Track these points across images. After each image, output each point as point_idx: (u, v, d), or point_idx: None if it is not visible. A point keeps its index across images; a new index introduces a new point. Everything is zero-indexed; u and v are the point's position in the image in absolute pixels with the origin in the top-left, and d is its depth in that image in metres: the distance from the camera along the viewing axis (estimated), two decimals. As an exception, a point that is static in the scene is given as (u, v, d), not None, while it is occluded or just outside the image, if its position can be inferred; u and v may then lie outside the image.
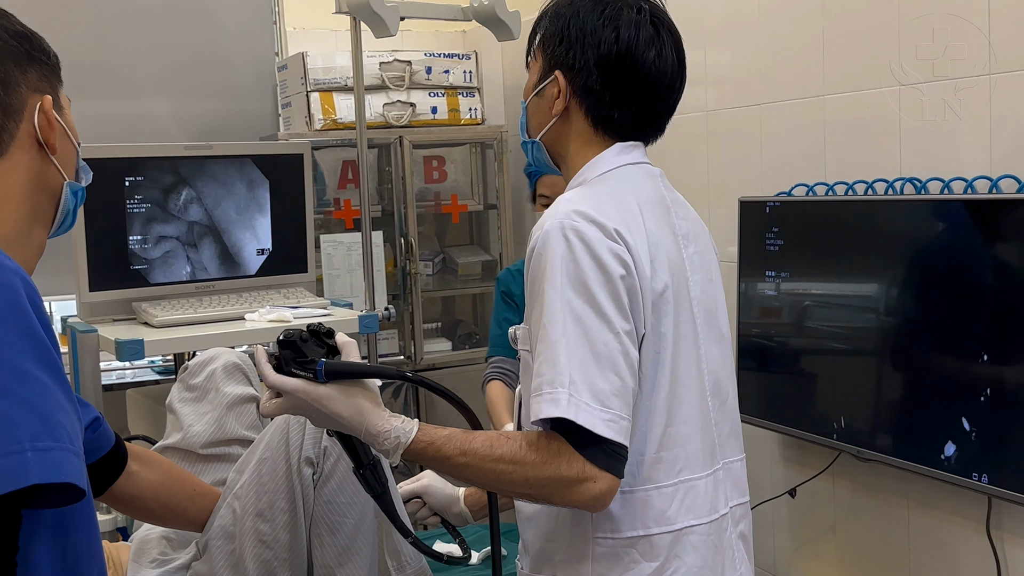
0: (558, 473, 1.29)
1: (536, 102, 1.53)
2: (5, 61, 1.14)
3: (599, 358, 1.30)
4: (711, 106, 2.88)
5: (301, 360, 1.34)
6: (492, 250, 4.04)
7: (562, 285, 1.32)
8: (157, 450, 1.98)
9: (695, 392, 1.45)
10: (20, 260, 1.13)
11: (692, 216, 1.55)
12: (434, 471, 1.39)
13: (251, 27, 3.77)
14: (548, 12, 1.53)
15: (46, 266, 1.33)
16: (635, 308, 1.36)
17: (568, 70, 1.47)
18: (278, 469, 1.64)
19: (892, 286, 2.25)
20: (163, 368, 3.44)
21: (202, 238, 2.70)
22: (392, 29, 2.64)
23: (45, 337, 0.95)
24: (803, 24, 2.57)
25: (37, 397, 0.91)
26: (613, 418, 1.29)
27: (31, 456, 0.88)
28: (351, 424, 1.34)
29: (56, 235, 1.26)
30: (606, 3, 1.48)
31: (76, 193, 1.24)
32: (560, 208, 1.38)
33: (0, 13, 1.18)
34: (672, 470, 1.41)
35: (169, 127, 3.62)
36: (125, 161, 2.56)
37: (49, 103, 1.17)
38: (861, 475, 2.48)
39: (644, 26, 1.46)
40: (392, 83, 3.66)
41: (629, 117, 1.48)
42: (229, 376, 2.00)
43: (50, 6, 3.39)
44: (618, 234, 1.36)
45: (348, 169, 3.67)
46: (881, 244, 2.27)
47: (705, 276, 1.51)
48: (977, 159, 2.16)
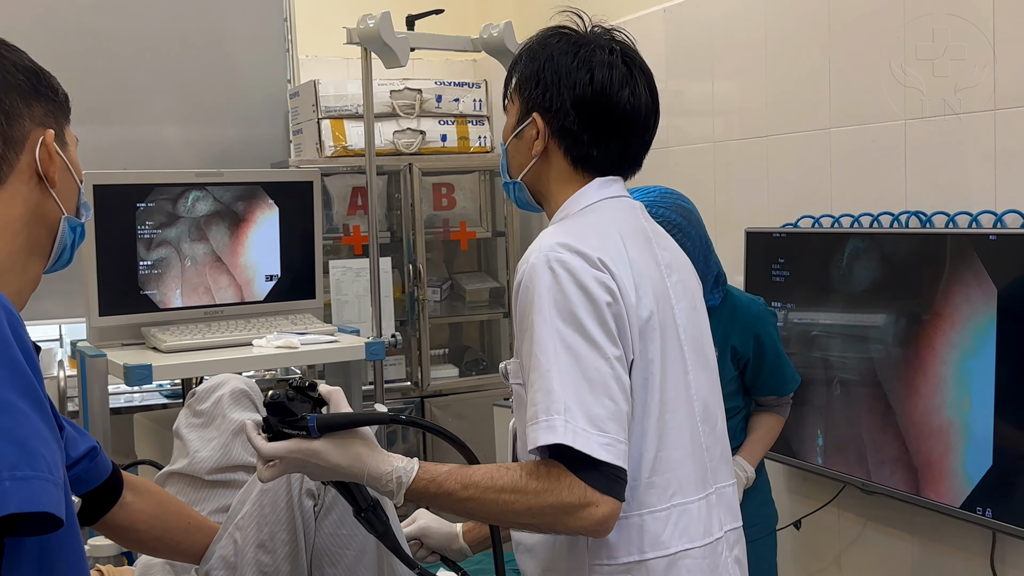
0: (560, 500, 1.30)
1: (515, 144, 1.56)
2: (10, 94, 1.16)
3: (592, 384, 1.32)
4: (718, 137, 2.90)
5: (290, 419, 1.34)
6: (500, 277, 4.06)
7: (551, 315, 1.34)
8: (163, 475, 1.98)
9: (684, 417, 1.46)
10: (13, 290, 1.15)
11: (673, 247, 1.58)
12: (437, 507, 1.39)
13: (264, 55, 3.82)
14: (522, 56, 1.56)
15: (56, 290, 1.34)
16: (623, 334, 1.38)
17: (545, 112, 1.50)
18: (279, 500, 1.64)
19: (899, 318, 2.25)
20: (171, 392, 3.46)
21: (211, 264, 2.72)
22: (402, 60, 2.67)
23: (27, 367, 0.96)
24: (810, 57, 2.59)
25: (17, 426, 0.92)
26: (610, 442, 1.30)
27: (9, 485, 0.89)
28: (351, 472, 1.35)
29: (53, 270, 1.27)
30: (579, 45, 1.51)
31: (75, 228, 1.25)
32: (544, 241, 1.40)
33: (10, 48, 1.20)
34: (665, 494, 1.42)
35: (182, 153, 3.65)
36: (137, 187, 2.59)
37: (51, 137, 1.19)
38: (866, 507, 2.48)
39: (617, 66, 1.49)
40: (402, 111, 3.69)
41: (607, 154, 1.52)
42: (236, 402, 2.01)
43: (68, 34, 3.44)
44: (602, 263, 1.38)
45: (358, 195, 3.70)
46: (886, 276, 2.28)
47: (689, 304, 1.54)
48: (982, 194, 2.17)
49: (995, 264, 2.03)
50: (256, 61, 3.80)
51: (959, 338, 2.10)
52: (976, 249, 2.07)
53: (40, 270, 1.24)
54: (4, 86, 1.16)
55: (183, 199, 2.66)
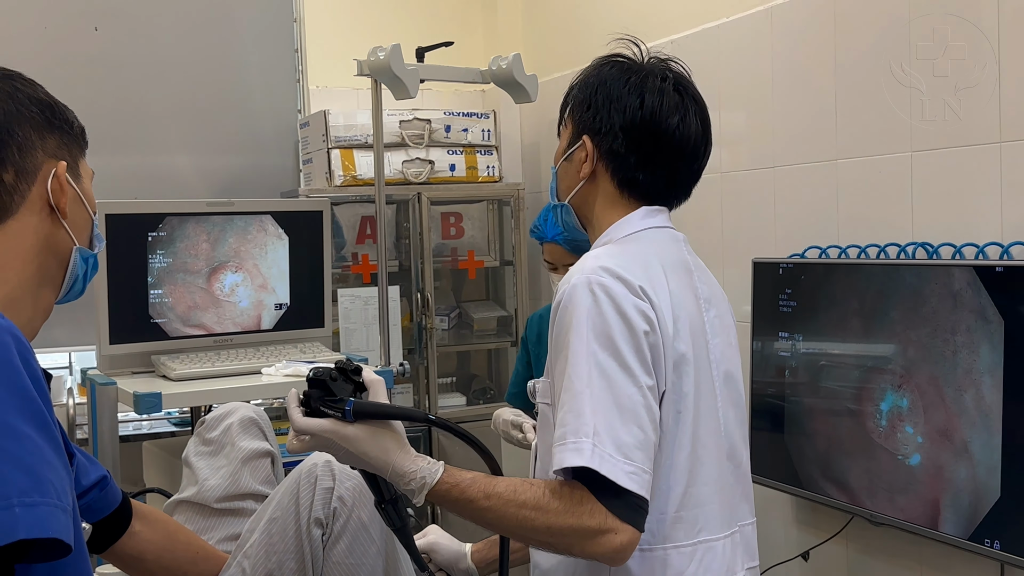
0: (580, 522, 1.29)
1: (565, 167, 1.59)
2: (24, 126, 1.19)
3: (623, 411, 1.32)
4: (726, 167, 2.92)
5: (330, 399, 1.36)
6: (508, 306, 4.07)
7: (588, 338, 1.34)
8: (172, 503, 1.99)
9: (714, 453, 1.46)
10: (24, 320, 1.16)
11: (712, 282, 1.59)
12: (456, 513, 1.39)
13: (275, 85, 3.86)
14: (578, 82, 1.59)
15: (67, 318, 1.36)
16: (657, 364, 1.38)
17: (595, 134, 1.53)
18: (288, 529, 1.65)
19: (906, 349, 2.25)
20: (179, 420, 3.47)
21: (222, 293, 2.74)
22: (412, 92, 2.70)
23: (35, 394, 0.97)
24: (817, 89, 2.61)
25: (27, 454, 0.94)
26: (636, 471, 1.30)
27: (19, 512, 0.91)
28: (377, 464, 1.35)
29: (65, 300, 1.28)
30: (632, 71, 1.53)
31: (87, 260, 1.27)
32: (587, 264, 1.41)
33: (26, 82, 1.23)
34: (692, 530, 1.42)
35: (193, 181, 3.68)
36: (148, 216, 2.61)
37: (63, 168, 1.21)
38: (875, 539, 2.47)
39: (668, 94, 1.51)
40: (411, 141, 3.72)
41: (653, 180, 1.53)
42: (245, 431, 2.02)
43: (80, 63, 3.48)
44: (643, 291, 1.39)
45: (367, 224, 3.72)
46: (893, 307, 2.29)
47: (725, 340, 1.54)
48: (988, 225, 2.18)
49: (1002, 295, 2.04)
50: (267, 91, 3.84)
51: (966, 369, 2.10)
52: (983, 280, 2.07)
53: (52, 300, 1.25)
54: (18, 118, 1.19)
55: (194, 228, 2.68)
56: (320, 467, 1.69)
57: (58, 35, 3.49)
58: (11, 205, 1.18)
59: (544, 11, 4.03)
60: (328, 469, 1.69)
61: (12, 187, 1.17)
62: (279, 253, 2.82)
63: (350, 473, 1.68)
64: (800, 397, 2.57)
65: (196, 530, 1.86)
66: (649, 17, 3.25)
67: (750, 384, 2.67)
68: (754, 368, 2.67)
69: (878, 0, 2.43)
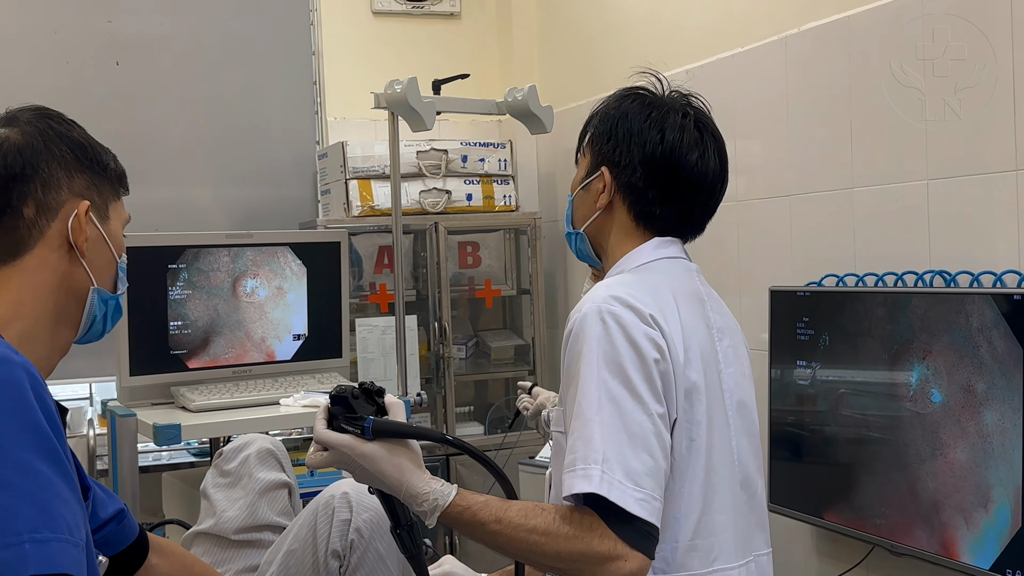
0: (590, 548, 1.30)
1: (582, 195, 1.60)
2: (51, 163, 1.21)
3: (633, 438, 1.33)
4: (742, 196, 2.92)
5: (351, 416, 1.38)
6: (525, 335, 4.07)
7: (598, 366, 1.35)
8: (190, 535, 2.00)
9: (728, 482, 1.46)
10: (39, 356, 1.17)
11: (726, 312, 1.59)
12: (467, 536, 1.40)
13: (294, 117, 3.90)
14: (599, 113, 1.61)
15: (88, 349, 1.37)
16: (668, 392, 1.39)
17: (614, 167, 1.55)
18: (305, 561, 1.65)
19: (925, 377, 2.24)
20: (199, 450, 3.48)
21: (241, 324, 2.76)
22: (428, 124, 2.72)
23: (48, 429, 0.98)
24: (832, 117, 2.62)
25: (39, 490, 0.95)
26: (646, 497, 1.31)
27: (29, 548, 0.92)
28: (392, 483, 1.36)
29: (85, 341, 1.29)
30: (653, 106, 1.55)
31: (106, 301, 1.27)
32: (598, 293, 1.42)
33: (60, 121, 1.25)
34: (707, 559, 1.42)
35: (213, 212, 3.72)
36: (168, 249, 2.64)
37: (85, 208, 1.23)
38: (896, 570, 2.45)
39: (688, 130, 1.53)
40: (429, 171, 3.74)
41: (670, 214, 1.55)
42: (262, 462, 2.03)
43: (102, 97, 3.53)
44: (653, 320, 1.40)
45: (384, 254, 3.74)
46: (912, 335, 2.28)
47: (739, 370, 1.54)
48: (1006, 253, 2.17)
49: (1020, 323, 2.02)
50: (286, 123, 3.88)
51: (986, 398, 2.09)
52: (1001, 308, 2.06)
53: (69, 338, 1.26)
54: (46, 156, 1.21)
55: (213, 260, 2.70)
56: (337, 499, 1.69)
57: (80, 69, 3.54)
58: (29, 240, 1.19)
59: (559, 43, 4.06)
60: (345, 501, 1.70)
61: (32, 222, 1.19)
62: (297, 284, 2.84)
63: (367, 505, 1.68)
64: (818, 425, 2.55)
65: (214, 562, 1.87)
66: (664, 47, 3.27)
67: (768, 413, 2.66)
68: (772, 396, 2.66)
69: (892, 29, 2.43)
